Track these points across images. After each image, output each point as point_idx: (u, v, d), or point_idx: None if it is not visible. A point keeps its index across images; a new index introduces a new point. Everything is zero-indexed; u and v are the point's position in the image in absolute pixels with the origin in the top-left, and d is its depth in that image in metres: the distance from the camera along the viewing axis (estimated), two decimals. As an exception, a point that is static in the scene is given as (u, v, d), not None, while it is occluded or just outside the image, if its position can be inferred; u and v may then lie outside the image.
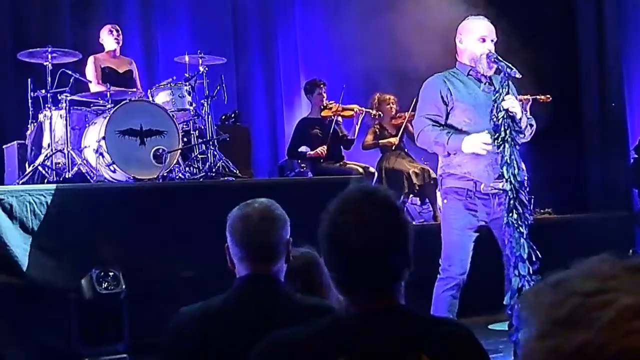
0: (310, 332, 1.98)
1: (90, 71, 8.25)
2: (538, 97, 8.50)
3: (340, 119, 9.05)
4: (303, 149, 8.96)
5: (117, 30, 8.45)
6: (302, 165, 9.13)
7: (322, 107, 9.05)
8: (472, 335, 2.02)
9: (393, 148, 9.04)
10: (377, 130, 9.21)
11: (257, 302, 2.64)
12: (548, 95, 8.51)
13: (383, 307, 1.97)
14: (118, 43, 8.45)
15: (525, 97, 7.95)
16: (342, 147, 9.11)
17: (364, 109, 9.02)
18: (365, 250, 1.95)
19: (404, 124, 8.95)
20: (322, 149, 8.79)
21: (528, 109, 8.51)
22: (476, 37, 5.13)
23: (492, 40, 5.15)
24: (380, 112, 9.07)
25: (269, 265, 2.69)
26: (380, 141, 9.13)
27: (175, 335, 2.65)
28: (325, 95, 9.07)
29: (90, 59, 8.31)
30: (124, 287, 5.57)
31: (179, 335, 2.64)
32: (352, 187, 2.06)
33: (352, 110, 8.99)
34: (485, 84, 5.16)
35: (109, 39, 8.44)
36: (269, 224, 2.69)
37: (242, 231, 2.68)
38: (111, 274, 5.58)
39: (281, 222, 2.73)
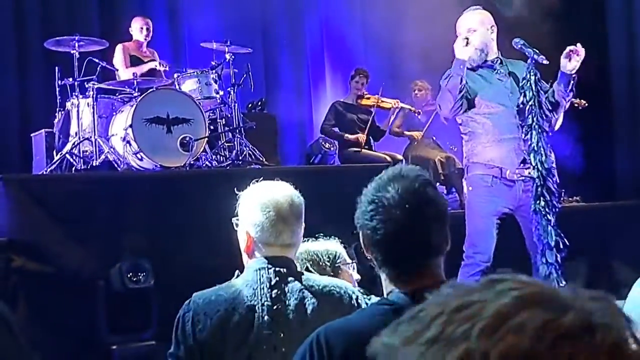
0: (372, 319, 2.00)
1: (118, 59, 8.25)
2: (574, 100, 8.44)
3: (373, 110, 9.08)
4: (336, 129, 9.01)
5: (147, 29, 8.43)
6: (328, 146, 9.14)
7: (358, 95, 9.10)
8: None
9: (415, 143, 9.13)
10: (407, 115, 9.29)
11: (276, 284, 2.65)
12: (584, 101, 8.46)
13: (432, 282, 2.00)
14: (146, 39, 8.45)
15: None
16: (372, 137, 9.15)
17: (401, 104, 9.04)
18: (410, 225, 2.02)
19: (433, 115, 8.92)
20: (362, 137, 8.86)
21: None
22: (465, 30, 5.18)
23: (489, 29, 5.21)
24: (419, 110, 9.08)
25: (289, 251, 2.73)
26: (405, 132, 9.23)
27: (189, 321, 2.65)
28: (362, 85, 9.12)
29: (119, 47, 8.31)
30: (152, 279, 5.61)
31: (193, 321, 2.64)
32: (386, 170, 2.12)
33: (390, 104, 9.03)
34: (496, 71, 5.18)
35: (138, 34, 8.43)
36: (296, 211, 2.71)
37: (270, 217, 2.68)
38: (140, 264, 5.61)
39: (302, 210, 2.74)
